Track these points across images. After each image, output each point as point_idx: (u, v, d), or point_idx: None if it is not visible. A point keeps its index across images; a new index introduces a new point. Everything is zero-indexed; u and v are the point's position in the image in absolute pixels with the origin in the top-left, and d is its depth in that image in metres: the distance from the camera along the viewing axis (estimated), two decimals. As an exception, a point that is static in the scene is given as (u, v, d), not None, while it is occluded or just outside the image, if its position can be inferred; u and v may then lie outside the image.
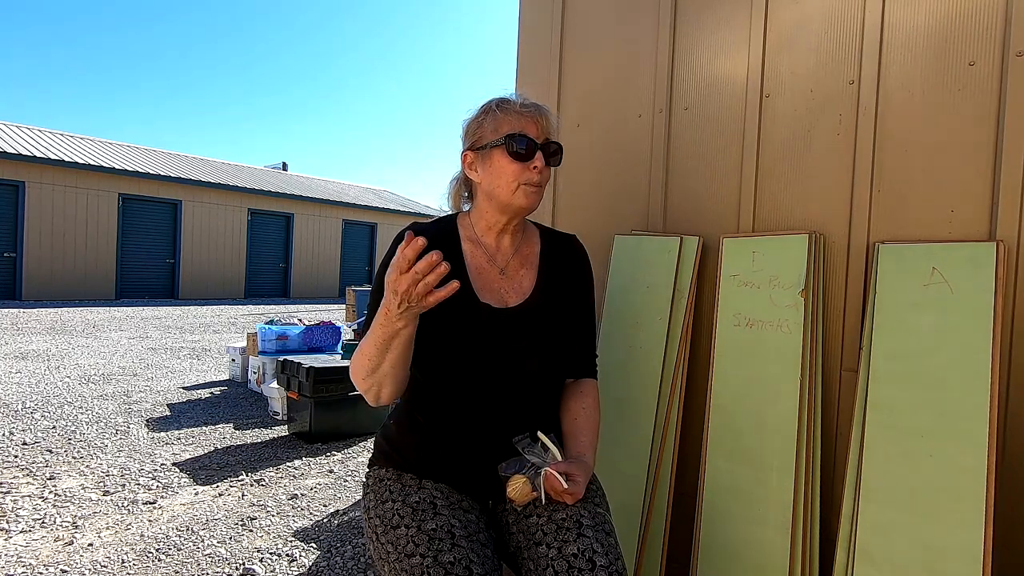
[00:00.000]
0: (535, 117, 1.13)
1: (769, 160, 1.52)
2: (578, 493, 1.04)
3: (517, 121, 1.12)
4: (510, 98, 1.17)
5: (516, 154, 1.11)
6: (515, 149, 1.11)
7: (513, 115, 1.13)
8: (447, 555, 0.95)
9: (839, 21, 1.42)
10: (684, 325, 1.55)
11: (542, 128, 1.14)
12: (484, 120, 1.15)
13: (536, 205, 1.15)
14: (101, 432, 3.44)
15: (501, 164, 1.12)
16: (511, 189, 1.12)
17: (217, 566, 2.02)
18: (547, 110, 1.17)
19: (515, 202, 1.14)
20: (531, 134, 1.12)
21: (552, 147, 1.15)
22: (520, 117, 1.13)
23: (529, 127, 1.12)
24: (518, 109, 1.13)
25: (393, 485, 1.11)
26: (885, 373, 1.25)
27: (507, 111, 1.13)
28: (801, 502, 1.31)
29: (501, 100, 1.16)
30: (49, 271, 12.37)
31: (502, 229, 1.19)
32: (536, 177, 1.12)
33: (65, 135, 14.98)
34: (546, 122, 1.15)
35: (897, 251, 1.29)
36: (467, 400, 1.12)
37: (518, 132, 1.11)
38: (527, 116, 1.13)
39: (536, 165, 1.12)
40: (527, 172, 1.11)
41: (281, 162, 21.34)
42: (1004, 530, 1.20)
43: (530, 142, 1.11)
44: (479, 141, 1.15)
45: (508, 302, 1.16)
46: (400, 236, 1.18)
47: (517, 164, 1.11)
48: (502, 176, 1.12)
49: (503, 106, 1.14)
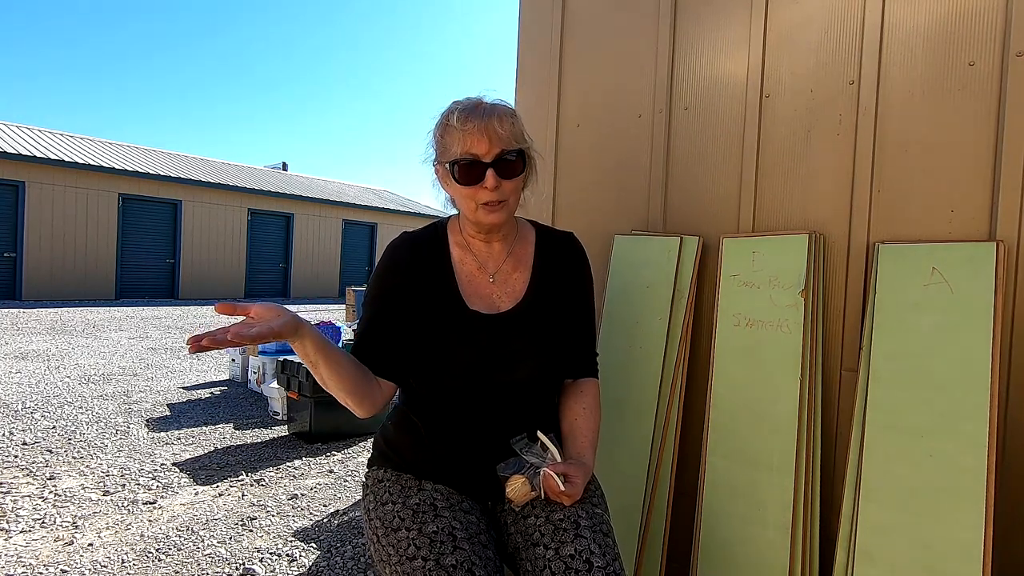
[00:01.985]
0: (483, 130, 1.04)
1: (769, 160, 1.52)
2: (576, 494, 1.03)
3: (463, 140, 1.04)
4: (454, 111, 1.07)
5: (461, 180, 1.06)
6: (458, 176, 1.06)
7: (460, 134, 1.05)
8: (449, 558, 0.95)
9: (839, 21, 1.42)
10: (684, 325, 1.55)
11: (494, 139, 1.04)
12: (440, 135, 1.10)
13: (501, 220, 1.10)
14: (101, 432, 3.44)
15: (456, 186, 1.08)
16: (471, 209, 1.09)
17: (217, 566, 2.02)
18: (498, 116, 1.06)
19: (478, 220, 1.11)
20: (479, 152, 1.04)
21: (509, 157, 1.06)
22: (465, 136, 1.04)
23: (476, 144, 1.04)
24: (465, 128, 1.04)
25: (392, 487, 1.11)
26: (885, 373, 1.25)
27: (456, 129, 1.05)
28: (801, 502, 1.31)
29: (451, 112, 1.07)
30: (49, 271, 12.37)
31: (486, 237, 1.17)
32: (492, 196, 1.06)
33: (65, 135, 14.98)
34: (498, 131, 1.05)
35: (897, 251, 1.29)
36: (462, 405, 1.12)
37: (462, 155, 1.05)
38: (472, 133, 1.04)
39: (487, 185, 1.05)
40: (481, 193, 1.06)
41: (281, 162, 21.34)
42: (1004, 530, 1.20)
43: (476, 164, 1.04)
44: (440, 156, 1.11)
45: (500, 307, 1.14)
46: (390, 247, 1.17)
47: (468, 187, 1.06)
48: (459, 197, 1.10)
49: (449, 121, 1.06)
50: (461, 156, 1.05)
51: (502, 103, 1.10)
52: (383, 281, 1.14)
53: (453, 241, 1.19)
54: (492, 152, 1.05)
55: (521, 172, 1.10)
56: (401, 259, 1.14)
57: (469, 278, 1.16)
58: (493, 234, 1.17)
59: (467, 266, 1.17)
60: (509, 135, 1.06)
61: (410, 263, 1.14)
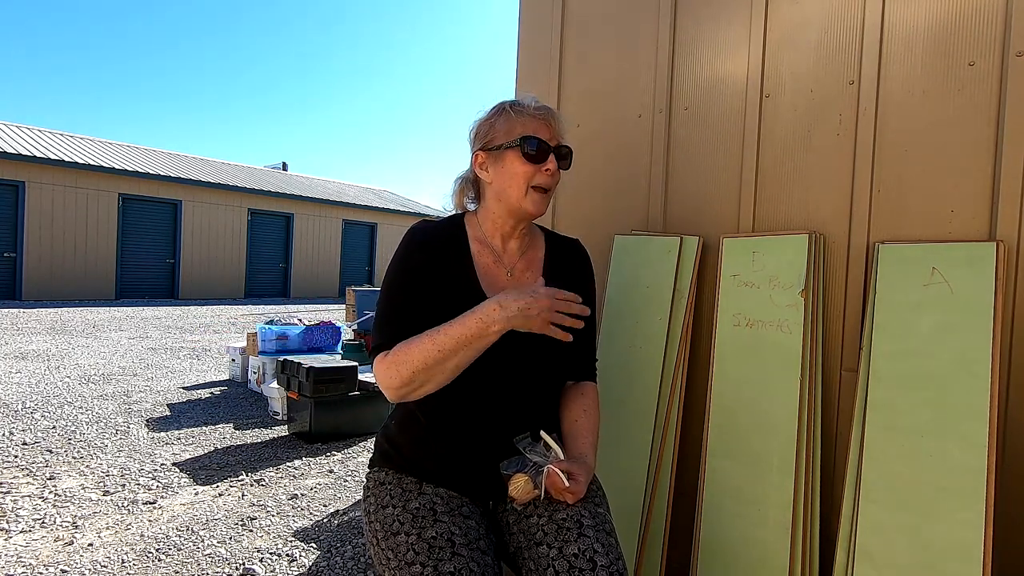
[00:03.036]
0: (547, 120, 1.15)
1: (769, 160, 1.52)
2: (579, 492, 1.04)
3: (530, 123, 1.13)
4: (522, 100, 1.17)
5: (529, 156, 1.12)
6: (528, 151, 1.12)
7: (526, 117, 1.14)
8: (447, 564, 0.95)
9: (839, 21, 1.42)
10: (684, 325, 1.55)
11: (554, 131, 1.15)
12: (496, 121, 1.16)
13: (542, 212, 1.17)
14: (101, 432, 3.44)
15: (513, 166, 1.13)
16: (522, 191, 1.14)
17: (217, 566, 2.02)
18: (558, 113, 1.18)
19: (524, 206, 1.15)
20: (544, 136, 1.13)
21: (563, 150, 1.16)
22: (533, 120, 1.13)
23: (542, 130, 1.13)
24: (531, 112, 1.14)
25: (393, 490, 1.11)
26: (885, 373, 1.25)
27: (520, 113, 1.14)
28: (801, 502, 1.31)
29: (514, 102, 1.17)
30: (49, 271, 12.37)
31: (509, 232, 1.20)
32: (547, 179, 1.14)
33: (65, 135, 14.97)
34: (557, 125, 1.16)
35: (897, 251, 1.29)
36: (469, 399, 1.12)
37: (531, 134, 1.12)
38: (540, 119, 1.14)
39: (548, 168, 1.13)
40: (539, 174, 1.13)
41: (281, 162, 21.34)
42: (1004, 530, 1.20)
43: (543, 144, 1.13)
44: (491, 142, 1.16)
45: None
46: (411, 231, 1.18)
47: (530, 166, 1.12)
48: (513, 178, 1.14)
49: (516, 108, 1.15)
50: (533, 135, 1.12)
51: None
52: (408, 263, 1.14)
53: (472, 235, 1.21)
54: (554, 140, 1.15)
55: (568, 167, 1.19)
56: (423, 242, 1.16)
57: (486, 269, 1.18)
58: (514, 232, 1.20)
59: (484, 258, 1.19)
60: (564, 131, 1.19)
61: (432, 245, 1.15)
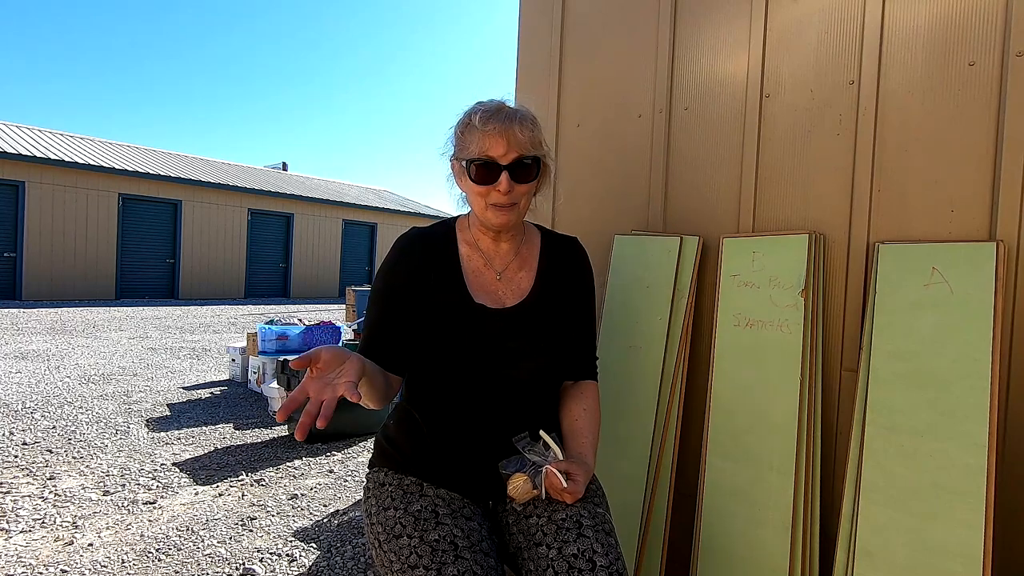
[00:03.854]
0: (503, 133, 1.07)
1: (769, 160, 1.52)
2: (578, 492, 1.04)
3: (483, 141, 1.07)
4: (483, 111, 1.10)
5: (476, 180, 1.09)
6: (475, 175, 1.09)
7: (480, 134, 1.08)
8: (451, 567, 0.95)
9: (839, 21, 1.42)
10: (684, 325, 1.55)
11: (512, 143, 1.07)
12: (461, 132, 1.13)
13: (508, 223, 1.13)
14: (101, 432, 3.44)
15: (469, 184, 1.12)
16: (481, 207, 1.12)
17: (217, 566, 2.02)
18: (519, 121, 1.09)
19: (486, 220, 1.14)
20: (496, 154, 1.07)
21: (525, 162, 1.09)
22: (484, 137, 1.07)
23: (495, 146, 1.07)
24: (486, 129, 1.07)
25: (395, 491, 1.11)
26: (885, 373, 1.25)
27: (476, 129, 1.08)
28: (801, 502, 1.31)
29: (474, 112, 1.11)
30: (49, 271, 12.37)
31: (495, 236, 1.20)
32: (503, 199, 1.09)
33: (65, 135, 14.97)
34: (518, 136, 1.07)
35: (897, 251, 1.29)
36: (465, 400, 1.12)
37: (479, 156, 1.07)
38: (491, 135, 1.07)
39: (499, 188, 1.08)
40: (492, 193, 1.09)
41: (281, 162, 21.34)
42: (1004, 530, 1.20)
43: (492, 166, 1.07)
44: (458, 153, 1.14)
45: (505, 303, 1.16)
46: (400, 240, 1.19)
47: (481, 187, 1.10)
48: (471, 195, 1.13)
49: (471, 120, 1.10)
50: (478, 156, 1.08)
51: (524, 109, 1.14)
52: (391, 277, 1.15)
53: (462, 238, 1.21)
54: (509, 156, 1.08)
55: (534, 178, 1.13)
56: (409, 252, 1.16)
57: (476, 273, 1.17)
58: (502, 234, 1.19)
59: (474, 262, 1.18)
60: (528, 141, 1.09)
61: (418, 256, 1.16)
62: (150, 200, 13.96)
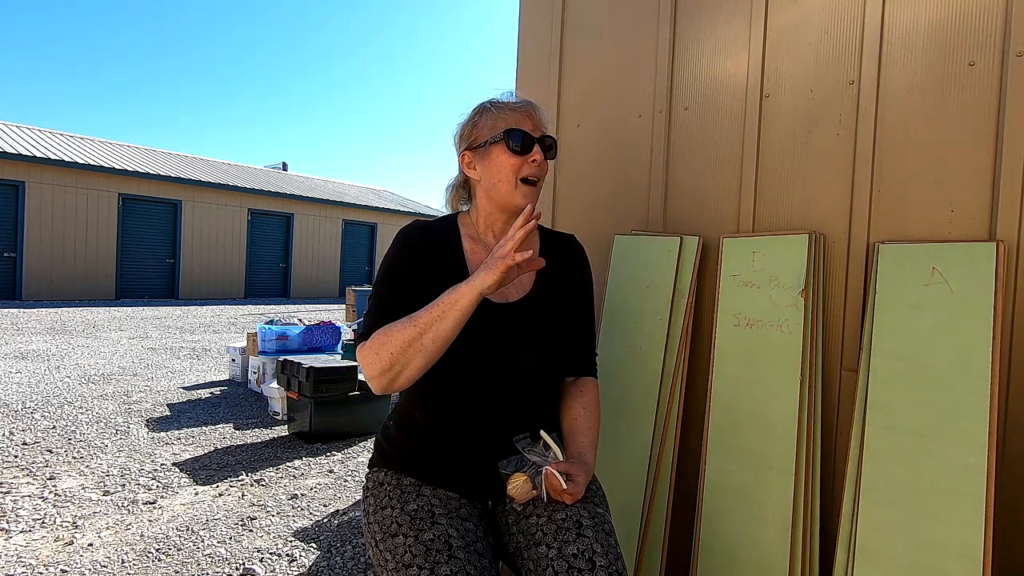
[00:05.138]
0: (529, 112, 1.17)
1: (769, 160, 1.52)
2: (578, 493, 1.04)
3: (512, 117, 1.16)
4: (501, 98, 1.21)
5: (514, 148, 1.14)
6: (513, 144, 1.13)
7: (508, 112, 1.16)
8: (444, 567, 0.95)
9: (839, 21, 1.42)
10: (684, 325, 1.55)
11: (536, 123, 1.17)
12: (479, 120, 1.18)
13: (534, 201, 1.17)
14: (101, 432, 3.44)
15: (500, 160, 1.14)
16: (511, 185, 1.15)
17: (217, 566, 2.02)
18: (539, 106, 1.21)
19: (514, 200, 1.16)
20: (527, 128, 1.15)
21: (547, 141, 1.18)
22: (515, 113, 1.16)
23: (524, 122, 1.16)
24: (512, 106, 1.17)
25: (392, 491, 1.11)
26: (885, 373, 1.25)
27: (502, 108, 1.17)
28: (801, 502, 1.31)
29: (493, 100, 1.20)
30: (49, 271, 12.37)
31: (501, 229, 1.21)
32: (535, 170, 1.16)
33: (65, 135, 14.97)
34: (539, 116, 1.19)
35: (897, 251, 1.29)
36: (467, 397, 1.12)
37: (515, 127, 1.14)
38: (521, 112, 1.17)
39: (535, 158, 1.15)
40: (526, 166, 1.15)
41: (281, 162, 21.34)
42: (1004, 530, 1.20)
43: (527, 136, 1.14)
44: (476, 140, 1.18)
45: (508, 297, 1.16)
46: (403, 231, 1.19)
47: (516, 158, 1.14)
48: (501, 171, 1.15)
49: (497, 104, 1.18)
50: (516, 127, 1.14)
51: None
52: (398, 261, 1.15)
53: (465, 233, 1.22)
54: (538, 132, 1.17)
55: (554, 157, 1.21)
56: (414, 240, 1.17)
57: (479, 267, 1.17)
58: (510, 224, 1.20)
59: (478, 256, 1.19)
60: (546, 123, 1.21)
61: (423, 246, 1.17)
62: (150, 200, 13.96)
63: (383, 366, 1.03)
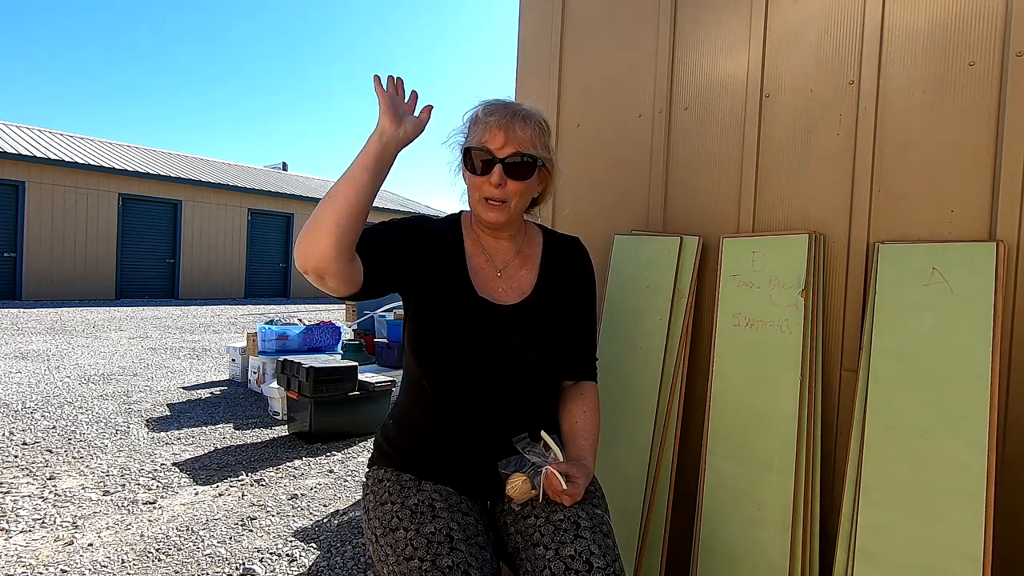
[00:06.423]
0: (503, 127, 1.07)
1: (769, 160, 1.52)
2: (577, 494, 1.04)
3: (482, 132, 1.08)
4: (487, 103, 1.12)
5: (472, 168, 1.10)
6: (469, 163, 1.10)
7: (482, 126, 1.09)
8: (445, 559, 0.95)
9: (839, 21, 1.42)
10: (684, 325, 1.55)
11: (511, 138, 1.07)
12: (469, 123, 1.14)
13: (499, 221, 1.12)
14: (101, 432, 3.44)
15: (466, 174, 1.13)
16: (475, 200, 1.13)
17: (217, 566, 2.02)
18: (523, 119, 1.08)
19: (478, 215, 1.14)
20: (493, 146, 1.07)
21: (522, 159, 1.08)
22: (485, 128, 1.08)
23: (493, 139, 1.07)
24: (486, 120, 1.08)
25: (392, 487, 1.11)
26: (885, 373, 1.25)
27: (479, 121, 1.10)
28: (801, 502, 1.31)
29: (481, 104, 1.13)
30: (49, 271, 12.37)
31: (494, 233, 1.20)
32: (494, 192, 1.08)
33: (65, 135, 14.97)
34: (518, 132, 1.07)
35: (897, 251, 1.29)
36: (466, 397, 1.12)
37: (476, 145, 1.08)
38: (492, 127, 1.07)
39: (491, 181, 1.07)
40: (485, 186, 1.09)
41: (281, 162, 21.34)
42: (1004, 530, 1.20)
43: (486, 157, 1.07)
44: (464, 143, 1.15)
45: (507, 300, 1.16)
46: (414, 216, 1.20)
47: (475, 177, 1.10)
48: (469, 185, 1.14)
49: (484, 111, 1.11)
50: (477, 145, 1.08)
51: (536, 112, 1.13)
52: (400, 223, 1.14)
53: (466, 233, 1.21)
54: (506, 150, 1.07)
55: (529, 177, 1.11)
56: (423, 226, 1.16)
57: (478, 269, 1.18)
58: (500, 231, 1.19)
59: (476, 258, 1.19)
60: (527, 140, 1.08)
61: (431, 232, 1.16)
62: (150, 200, 13.96)
63: (304, 231, 0.96)
